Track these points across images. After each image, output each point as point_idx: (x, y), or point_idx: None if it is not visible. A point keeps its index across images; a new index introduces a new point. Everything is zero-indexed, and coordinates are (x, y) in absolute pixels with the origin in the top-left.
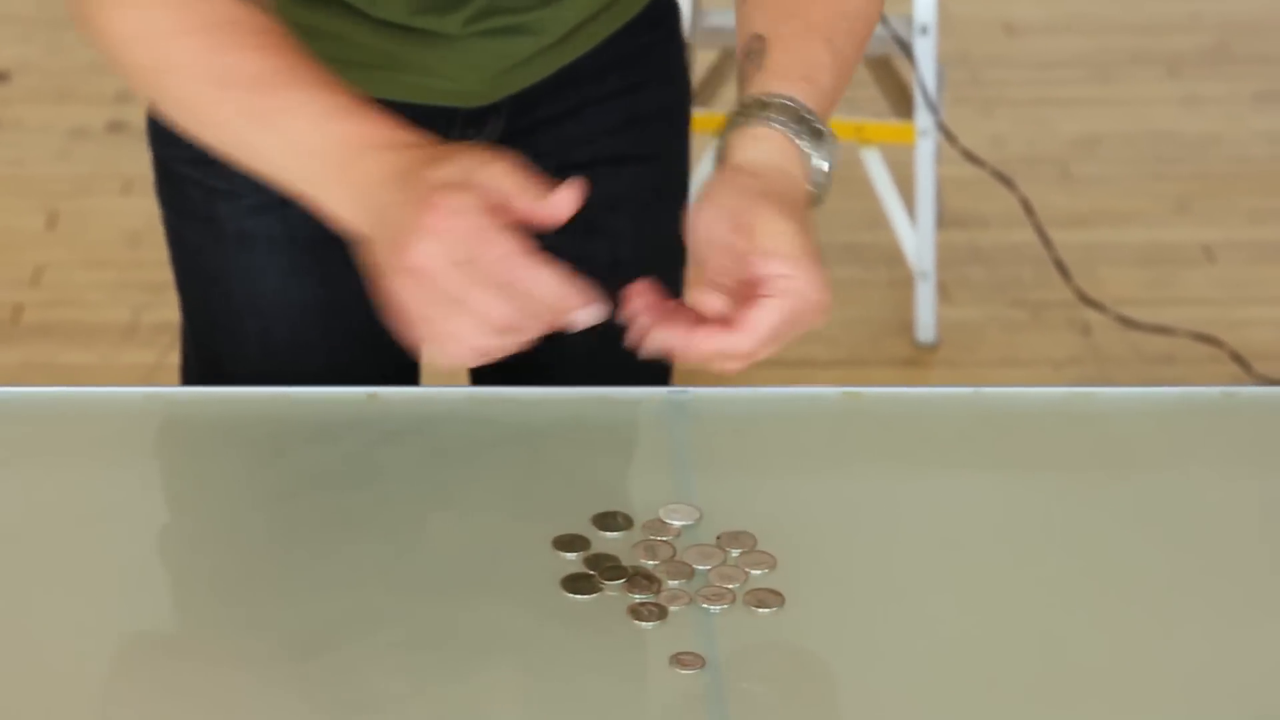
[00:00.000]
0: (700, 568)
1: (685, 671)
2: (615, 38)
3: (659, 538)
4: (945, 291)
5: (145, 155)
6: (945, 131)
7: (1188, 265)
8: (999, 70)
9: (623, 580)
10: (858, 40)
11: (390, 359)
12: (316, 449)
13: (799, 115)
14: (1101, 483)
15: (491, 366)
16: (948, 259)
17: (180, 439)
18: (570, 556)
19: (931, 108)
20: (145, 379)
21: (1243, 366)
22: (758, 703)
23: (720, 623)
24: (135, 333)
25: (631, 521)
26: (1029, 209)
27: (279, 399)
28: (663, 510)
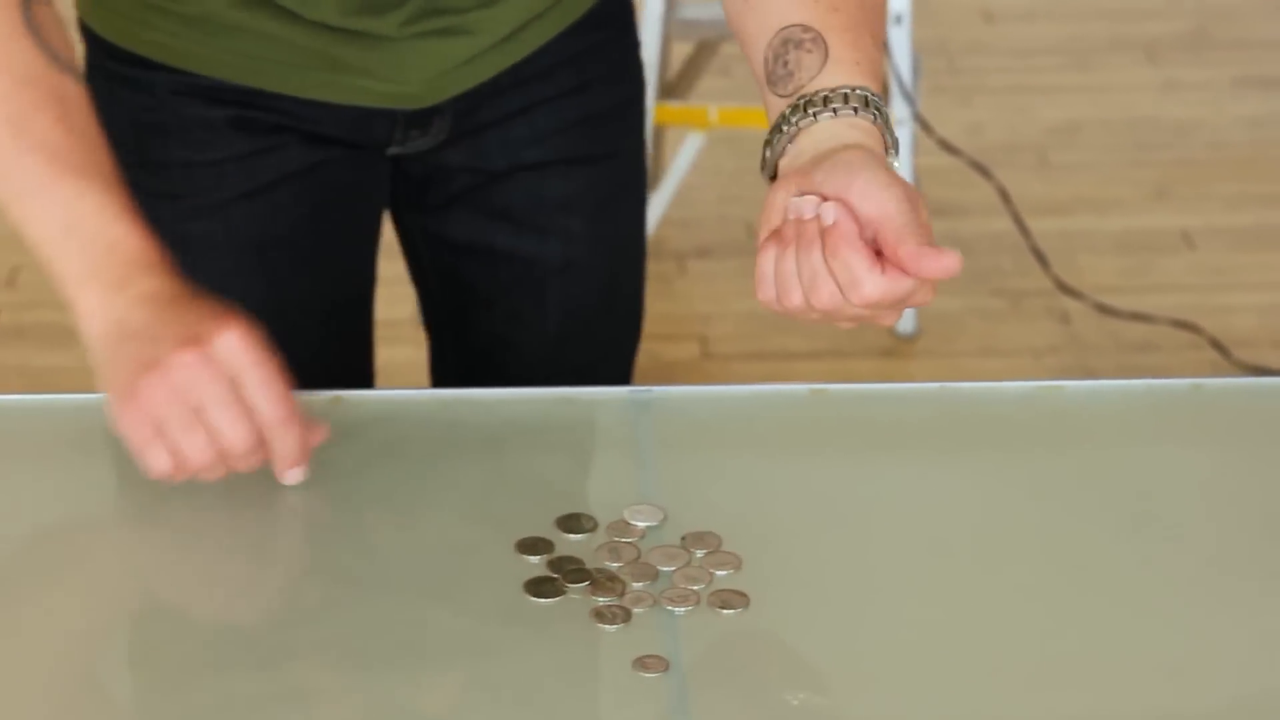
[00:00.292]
0: (664, 569)
1: (648, 675)
2: (562, 37)
3: (623, 539)
4: None
5: None
6: (921, 121)
7: (1167, 252)
8: (977, 58)
9: (586, 583)
10: (883, 29)
11: (342, 361)
12: None
13: (880, 107)
14: (1071, 477)
15: (451, 366)
16: None
17: None
18: (534, 559)
19: (907, 98)
20: None
21: (1222, 353)
22: (720, 706)
23: (684, 624)
24: None
25: (595, 523)
26: (1006, 197)
27: None
28: (627, 511)
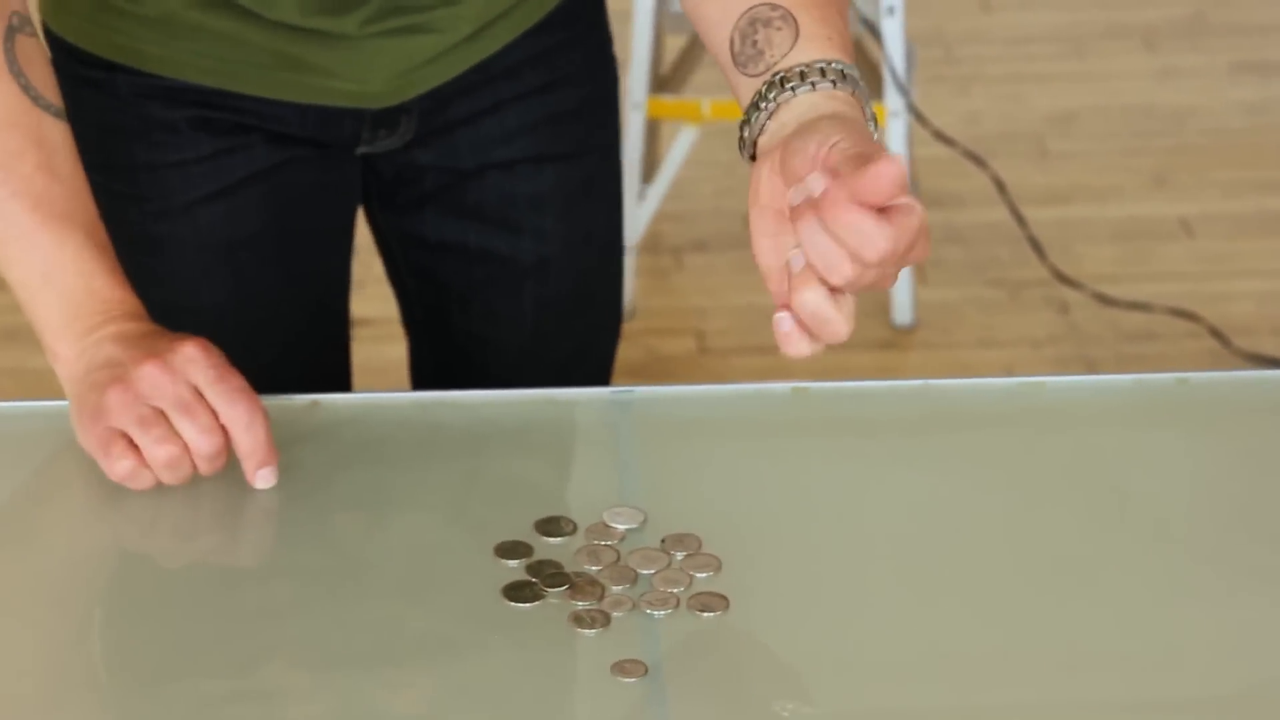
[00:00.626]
0: (644, 572)
1: (626, 680)
2: (529, 35)
3: (602, 542)
4: (922, 273)
5: None
6: (916, 112)
7: (1165, 240)
8: (974, 47)
9: (565, 587)
10: (847, 4)
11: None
12: None
13: (857, 80)
14: (1055, 474)
15: (430, 365)
16: None
17: None
18: (512, 564)
19: (901, 89)
20: None
21: (1221, 341)
22: (700, 711)
23: (664, 628)
24: None
25: (575, 526)
26: (1001, 187)
27: None
28: (606, 514)
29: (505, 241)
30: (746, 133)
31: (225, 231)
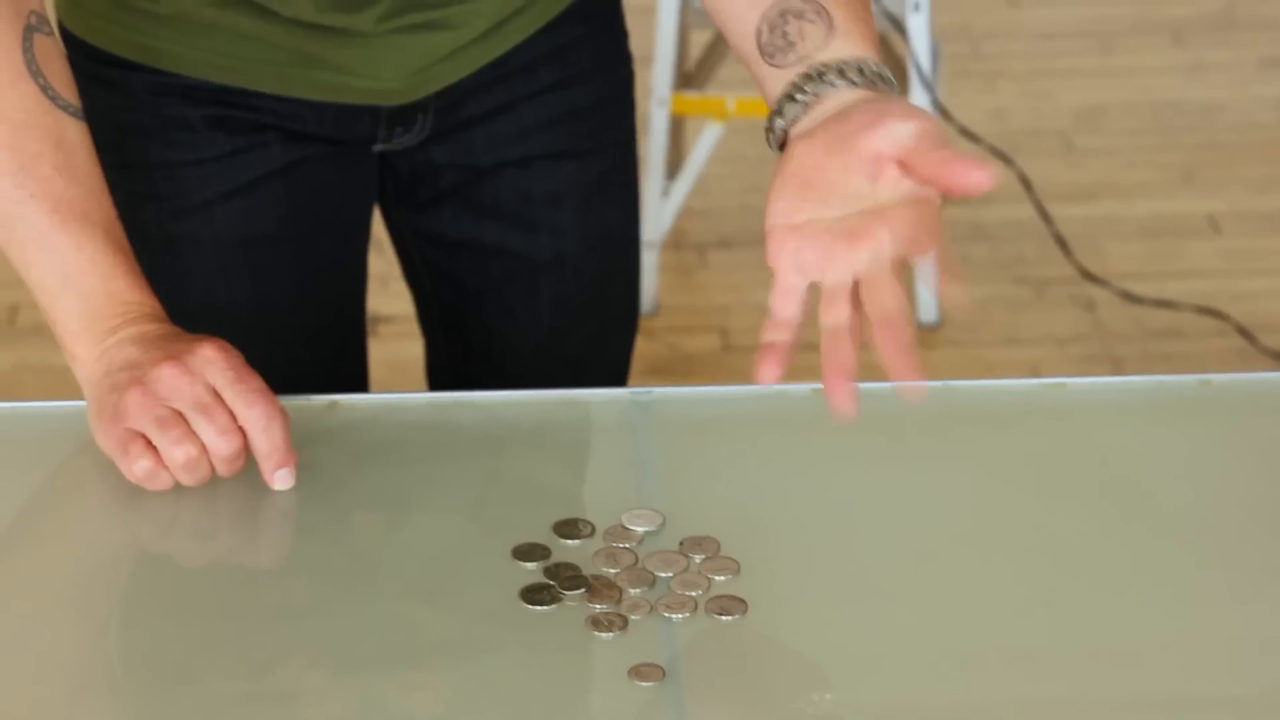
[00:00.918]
0: (662, 575)
1: (644, 684)
2: (544, 32)
3: (620, 544)
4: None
5: None
6: (941, 109)
7: (1192, 237)
8: (1000, 42)
9: (583, 590)
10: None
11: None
12: None
13: (893, 82)
14: (1078, 475)
15: (447, 363)
16: (949, 237)
17: None
18: (530, 566)
19: (926, 85)
20: None
21: (1248, 339)
22: (717, 715)
23: (681, 632)
24: None
25: (593, 528)
26: (1027, 184)
27: None
28: (625, 516)
29: (521, 239)
30: (780, 122)
31: (242, 230)
